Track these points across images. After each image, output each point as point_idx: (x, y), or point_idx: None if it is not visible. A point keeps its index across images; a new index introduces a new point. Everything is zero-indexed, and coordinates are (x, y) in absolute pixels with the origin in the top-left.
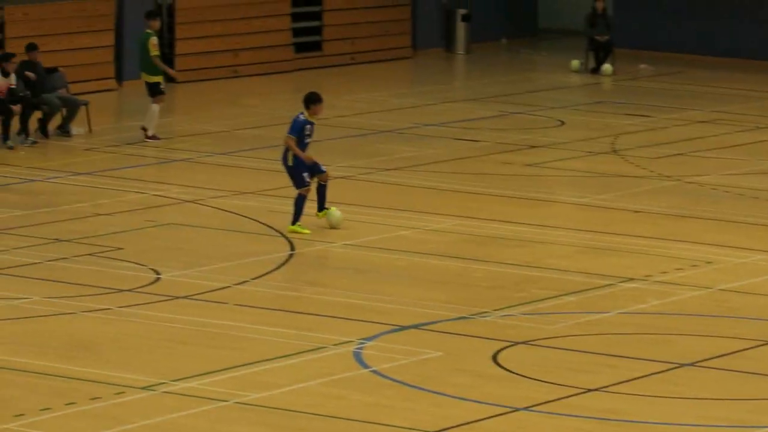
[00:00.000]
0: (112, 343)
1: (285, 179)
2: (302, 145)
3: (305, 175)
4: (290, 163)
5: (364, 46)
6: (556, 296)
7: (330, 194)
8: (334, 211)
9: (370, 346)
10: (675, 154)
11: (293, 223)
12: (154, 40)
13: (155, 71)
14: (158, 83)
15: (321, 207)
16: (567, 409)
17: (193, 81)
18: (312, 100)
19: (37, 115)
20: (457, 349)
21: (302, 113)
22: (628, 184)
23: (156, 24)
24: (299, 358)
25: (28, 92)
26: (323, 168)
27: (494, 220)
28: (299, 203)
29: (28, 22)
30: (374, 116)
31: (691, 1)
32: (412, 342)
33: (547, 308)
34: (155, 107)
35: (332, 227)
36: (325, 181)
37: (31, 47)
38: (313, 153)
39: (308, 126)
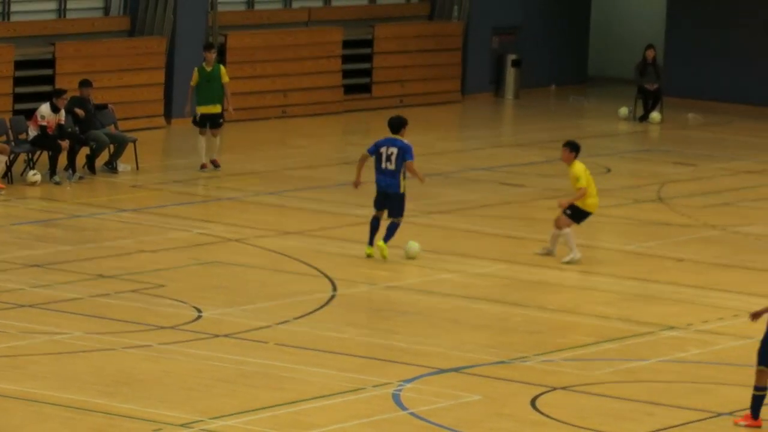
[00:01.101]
0: (151, 379)
1: (330, 220)
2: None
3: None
4: (403, 190)
5: (414, 89)
6: (596, 343)
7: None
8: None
9: (409, 388)
10: (721, 204)
11: (386, 241)
12: (195, 70)
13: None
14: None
15: (372, 241)
16: None
17: (243, 120)
18: (405, 124)
19: (85, 151)
20: (496, 393)
21: (402, 139)
22: (673, 232)
23: (205, 55)
24: (338, 398)
25: (77, 128)
26: None
27: (538, 265)
28: (395, 229)
29: (79, 58)
30: (421, 159)
31: (742, 51)
32: (451, 385)
33: (587, 354)
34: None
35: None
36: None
37: (85, 83)
38: (356, 194)
39: None
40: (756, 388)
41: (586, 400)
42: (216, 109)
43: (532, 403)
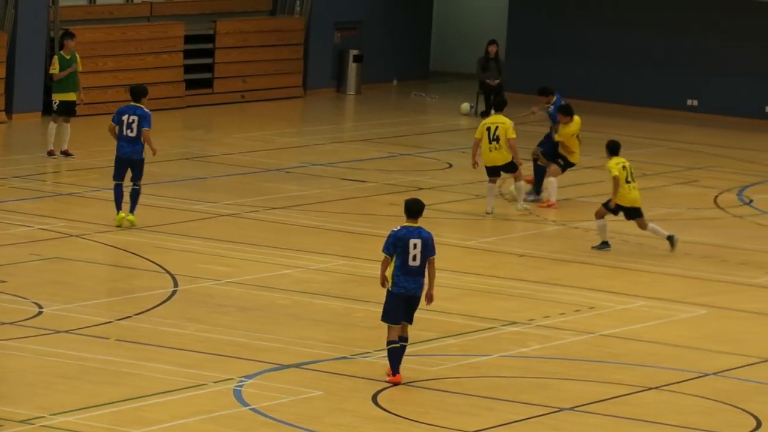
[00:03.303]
0: None
1: (171, 215)
2: None
3: None
4: (144, 156)
5: (256, 85)
6: (438, 338)
7: (215, 231)
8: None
9: (251, 384)
10: (561, 199)
11: (132, 211)
12: (55, 58)
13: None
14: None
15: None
16: None
17: (84, 115)
18: (146, 93)
19: None
20: (337, 388)
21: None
22: (514, 228)
23: (66, 43)
24: (180, 394)
25: None
26: None
27: (378, 260)
28: (138, 195)
29: None
30: (262, 154)
31: (584, 47)
32: (292, 381)
33: (428, 350)
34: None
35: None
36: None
37: None
38: (197, 190)
39: None
40: (388, 343)
41: (427, 395)
42: (73, 96)
43: (374, 398)
